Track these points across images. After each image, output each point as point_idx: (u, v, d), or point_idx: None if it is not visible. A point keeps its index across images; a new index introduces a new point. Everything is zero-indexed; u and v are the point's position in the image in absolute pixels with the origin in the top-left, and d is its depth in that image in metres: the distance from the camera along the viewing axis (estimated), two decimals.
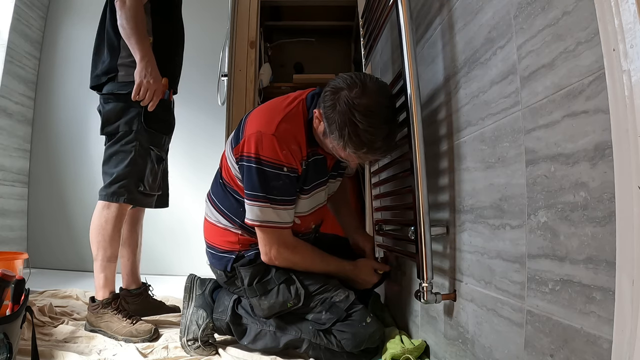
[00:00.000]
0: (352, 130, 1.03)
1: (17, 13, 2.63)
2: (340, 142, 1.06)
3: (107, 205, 1.46)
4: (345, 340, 1.15)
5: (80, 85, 2.85)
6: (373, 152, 1.08)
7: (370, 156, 1.12)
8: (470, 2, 0.87)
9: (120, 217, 1.47)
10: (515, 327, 0.69)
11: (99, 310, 1.42)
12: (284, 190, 1.15)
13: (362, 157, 1.12)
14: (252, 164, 1.13)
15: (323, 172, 1.26)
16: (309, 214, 1.29)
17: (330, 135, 1.09)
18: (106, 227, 1.45)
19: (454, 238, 0.95)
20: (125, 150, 1.46)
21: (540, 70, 0.63)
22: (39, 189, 2.82)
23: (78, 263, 2.73)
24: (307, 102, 1.20)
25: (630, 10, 0.42)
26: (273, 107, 1.21)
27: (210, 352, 1.25)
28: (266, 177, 1.12)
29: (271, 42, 3.17)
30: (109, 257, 1.46)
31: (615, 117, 0.45)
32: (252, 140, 1.13)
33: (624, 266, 0.44)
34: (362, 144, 1.05)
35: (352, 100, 1.02)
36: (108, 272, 1.46)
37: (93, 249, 1.46)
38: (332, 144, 1.11)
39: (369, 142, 1.04)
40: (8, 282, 1.05)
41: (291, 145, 1.14)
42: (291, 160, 1.14)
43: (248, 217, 1.17)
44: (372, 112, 1.02)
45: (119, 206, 1.46)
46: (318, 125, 1.14)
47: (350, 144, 1.05)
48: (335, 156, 1.19)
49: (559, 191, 0.58)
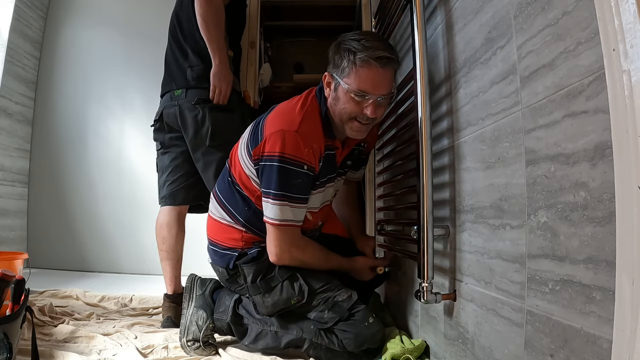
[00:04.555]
0: (352, 49, 1.10)
1: (17, 13, 2.63)
2: (345, 70, 1.11)
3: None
4: (347, 340, 1.15)
5: (80, 85, 2.86)
6: (374, 67, 1.09)
7: (371, 79, 1.10)
8: (470, 2, 0.87)
9: None
10: (515, 327, 0.69)
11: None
12: (302, 188, 1.16)
13: (364, 82, 1.10)
14: (275, 162, 1.13)
15: (333, 168, 1.28)
16: (319, 210, 1.30)
17: (335, 70, 1.14)
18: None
19: (454, 238, 0.95)
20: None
21: (540, 70, 0.62)
22: (39, 189, 2.82)
23: (78, 263, 2.73)
24: (318, 97, 1.23)
25: (630, 10, 0.42)
26: (291, 107, 1.22)
27: (210, 352, 1.25)
28: (288, 175, 1.13)
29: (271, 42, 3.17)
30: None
31: (615, 117, 0.45)
32: (275, 138, 1.13)
33: (624, 266, 0.44)
34: (363, 60, 1.09)
35: (350, 37, 1.13)
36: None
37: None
38: (339, 92, 1.14)
39: (369, 52, 1.08)
40: (8, 282, 1.05)
41: (313, 143, 1.15)
42: (312, 159, 1.15)
43: (267, 215, 1.17)
44: (369, 37, 1.13)
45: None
46: (329, 93, 1.19)
47: (353, 64, 1.10)
48: (342, 142, 1.24)
49: (559, 191, 0.58)
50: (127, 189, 2.78)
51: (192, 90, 1.60)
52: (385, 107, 1.20)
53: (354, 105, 1.13)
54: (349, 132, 1.20)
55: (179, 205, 1.66)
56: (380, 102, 1.14)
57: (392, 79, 1.15)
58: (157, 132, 1.70)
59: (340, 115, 1.17)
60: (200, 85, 1.59)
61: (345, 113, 1.16)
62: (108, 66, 2.86)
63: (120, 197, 2.78)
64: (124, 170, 2.81)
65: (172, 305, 1.58)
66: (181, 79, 1.63)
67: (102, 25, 2.90)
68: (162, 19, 2.18)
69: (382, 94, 1.12)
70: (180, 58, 1.66)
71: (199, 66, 1.59)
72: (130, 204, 2.76)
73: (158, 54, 1.97)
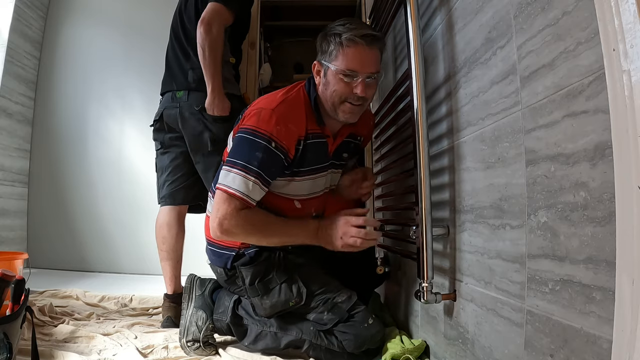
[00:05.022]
0: (337, 32, 1.13)
1: (17, 13, 2.63)
2: (332, 53, 1.13)
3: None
4: (347, 341, 1.15)
5: (80, 85, 2.86)
6: (360, 45, 1.11)
7: (358, 58, 1.12)
8: (470, 2, 0.87)
9: None
10: (515, 327, 0.69)
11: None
12: (264, 164, 1.12)
13: (352, 61, 1.12)
14: (244, 134, 1.14)
15: (324, 157, 1.26)
16: (309, 198, 1.28)
17: (324, 57, 1.16)
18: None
19: (454, 238, 0.95)
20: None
21: (540, 70, 0.62)
22: (39, 189, 2.82)
23: (78, 263, 2.73)
24: (306, 86, 1.24)
25: (630, 10, 0.42)
26: (274, 93, 1.25)
27: (210, 352, 1.25)
28: (252, 147, 1.12)
29: (271, 42, 3.17)
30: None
31: (615, 117, 0.45)
32: (252, 114, 1.16)
33: (624, 266, 0.44)
34: (348, 39, 1.11)
35: (335, 24, 1.16)
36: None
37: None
38: (329, 76, 1.15)
39: (354, 32, 1.11)
40: (8, 282, 1.05)
41: (289, 124, 1.15)
42: (283, 138, 1.13)
43: (220, 181, 1.14)
44: (353, 21, 1.16)
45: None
46: (319, 81, 1.19)
47: (340, 45, 1.12)
48: (335, 133, 1.24)
49: (559, 191, 0.58)
50: (127, 189, 2.78)
51: (194, 94, 1.61)
52: (375, 87, 1.20)
53: (343, 86, 1.14)
54: (341, 117, 1.19)
55: (178, 205, 1.66)
56: (369, 82, 1.15)
57: (379, 57, 1.16)
58: (157, 132, 1.70)
59: (332, 99, 1.17)
60: (201, 89, 1.60)
61: (336, 95, 1.16)
62: (108, 66, 2.86)
63: (120, 197, 2.78)
64: (124, 170, 2.81)
65: (172, 305, 1.58)
66: (182, 79, 1.63)
67: (102, 25, 2.90)
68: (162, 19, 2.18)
69: (370, 71, 1.14)
70: (181, 58, 1.66)
71: (200, 68, 1.59)
72: (130, 204, 2.76)
73: (158, 54, 1.98)
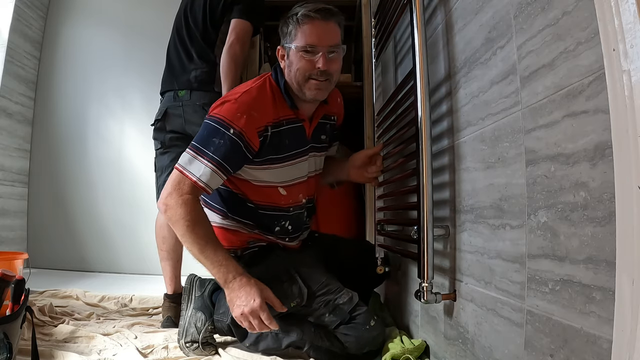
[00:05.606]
0: (294, 12, 1.16)
1: (17, 13, 2.63)
2: (291, 33, 1.16)
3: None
4: (349, 343, 1.15)
5: (80, 85, 2.86)
6: (316, 19, 1.14)
7: (315, 32, 1.15)
8: (470, 2, 0.87)
9: None
10: (515, 327, 0.69)
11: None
12: (220, 150, 1.12)
13: (310, 36, 1.15)
14: (207, 121, 1.16)
15: (302, 141, 1.27)
16: (294, 184, 1.28)
17: (285, 39, 1.19)
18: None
19: (454, 238, 0.95)
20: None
21: (540, 70, 0.63)
22: (39, 189, 2.82)
23: (78, 263, 2.73)
24: (273, 75, 1.25)
25: (630, 10, 0.42)
26: (241, 84, 1.26)
27: (210, 352, 1.25)
28: (210, 132, 1.14)
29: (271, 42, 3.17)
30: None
31: (615, 117, 0.45)
32: (217, 104, 1.18)
33: (624, 266, 0.44)
34: (304, 15, 1.14)
35: (294, 7, 1.19)
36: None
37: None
38: (291, 56, 1.17)
39: (308, 7, 1.14)
40: (8, 282, 1.05)
41: (252, 111, 1.15)
42: (243, 125, 1.13)
43: (178, 162, 1.16)
44: (310, 1, 1.19)
45: None
46: (284, 65, 1.21)
47: (297, 23, 1.15)
48: (310, 117, 1.26)
49: (559, 191, 0.58)
50: (127, 189, 2.78)
51: (196, 93, 1.61)
52: (339, 62, 1.21)
53: (305, 62, 1.16)
54: (309, 95, 1.19)
55: None
56: (332, 57, 1.17)
57: (338, 31, 1.18)
58: (157, 131, 1.70)
59: (297, 78, 1.18)
60: (204, 88, 1.60)
61: (300, 73, 1.17)
62: (108, 66, 2.86)
63: (120, 197, 2.78)
64: (124, 170, 2.81)
65: (172, 305, 1.58)
66: (184, 79, 1.63)
67: (102, 25, 2.90)
68: (162, 19, 2.18)
69: (330, 44, 1.16)
70: (184, 58, 1.66)
71: (203, 69, 1.60)
72: (130, 204, 2.76)
73: (158, 54, 1.98)
